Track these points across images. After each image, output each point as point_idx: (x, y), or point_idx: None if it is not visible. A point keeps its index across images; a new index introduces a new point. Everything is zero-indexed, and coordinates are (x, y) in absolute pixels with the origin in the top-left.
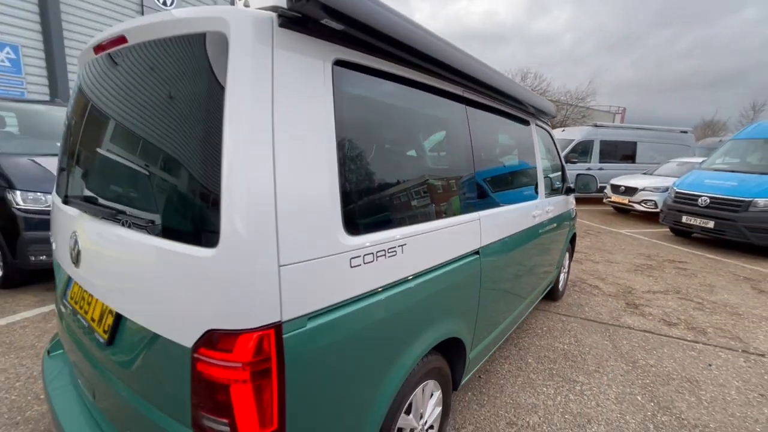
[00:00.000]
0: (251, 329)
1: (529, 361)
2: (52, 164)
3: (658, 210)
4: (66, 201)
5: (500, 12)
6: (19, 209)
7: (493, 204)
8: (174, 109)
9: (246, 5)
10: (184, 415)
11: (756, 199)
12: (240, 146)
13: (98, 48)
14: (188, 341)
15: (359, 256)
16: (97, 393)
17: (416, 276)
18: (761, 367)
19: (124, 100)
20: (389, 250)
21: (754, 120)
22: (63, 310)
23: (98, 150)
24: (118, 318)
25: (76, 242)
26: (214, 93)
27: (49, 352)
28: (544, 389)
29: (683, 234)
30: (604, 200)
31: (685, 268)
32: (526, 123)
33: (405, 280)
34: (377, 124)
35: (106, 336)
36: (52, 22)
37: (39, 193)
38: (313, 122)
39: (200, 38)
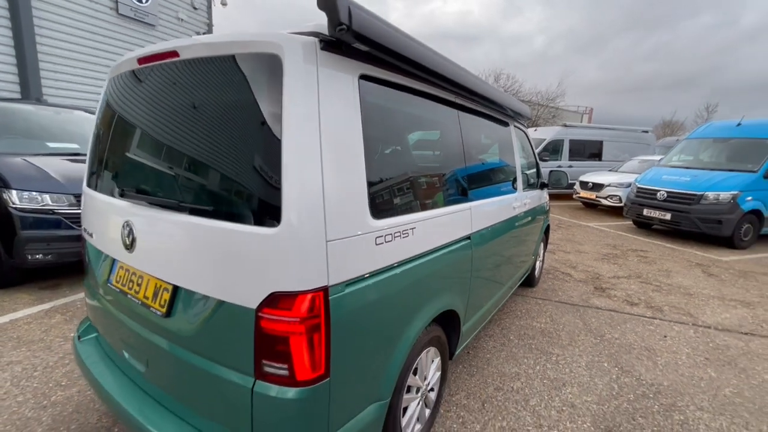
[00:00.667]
0: (306, 291)
1: (511, 338)
2: (46, 163)
3: (622, 204)
4: (114, 195)
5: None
6: (15, 208)
7: (481, 196)
8: (234, 117)
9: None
10: (246, 366)
11: (706, 193)
12: (294, 147)
13: (144, 60)
14: (253, 303)
15: (381, 236)
16: (151, 362)
17: (423, 255)
18: (707, 337)
19: (185, 108)
20: (403, 232)
21: (707, 120)
22: (104, 294)
23: (164, 150)
24: (175, 293)
25: (131, 230)
26: (272, 104)
27: (80, 338)
28: (525, 360)
29: (644, 226)
30: (574, 196)
31: (646, 256)
32: (506, 125)
33: (414, 258)
34: (391, 128)
35: (163, 309)
36: (23, 18)
37: (35, 192)
38: (346, 126)
39: (257, 58)
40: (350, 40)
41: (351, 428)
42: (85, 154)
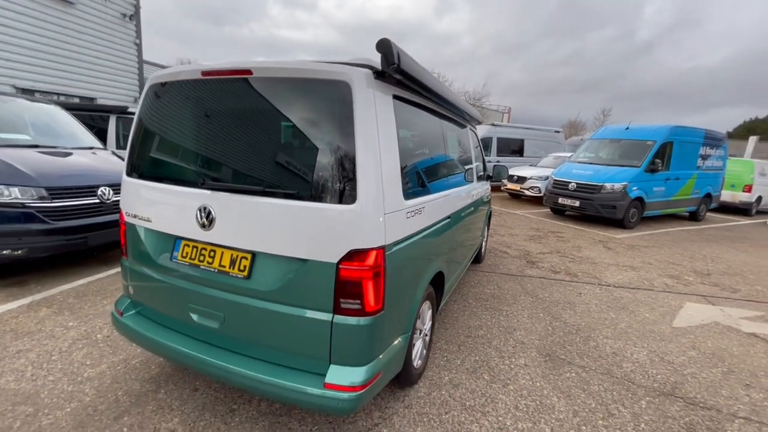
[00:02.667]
0: (373, 248)
1: (470, 301)
2: (11, 156)
3: (541, 195)
4: (191, 185)
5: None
6: None
7: (455, 185)
8: (314, 125)
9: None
10: (326, 305)
11: (605, 184)
12: (364, 148)
13: (209, 73)
14: (334, 258)
15: (409, 211)
16: (228, 318)
17: (428, 227)
18: (608, 292)
19: (265, 116)
20: (418, 210)
21: (604, 122)
22: (163, 269)
23: (249, 149)
24: (253, 259)
25: (209, 212)
26: (346, 117)
27: (122, 314)
28: (483, 316)
29: (559, 212)
30: (502, 188)
31: (562, 236)
32: (464, 127)
33: (424, 229)
34: (408, 133)
35: (245, 273)
36: None
37: (2, 186)
38: (389, 132)
39: (332, 83)
40: (392, 72)
41: (389, 351)
42: (42, 146)
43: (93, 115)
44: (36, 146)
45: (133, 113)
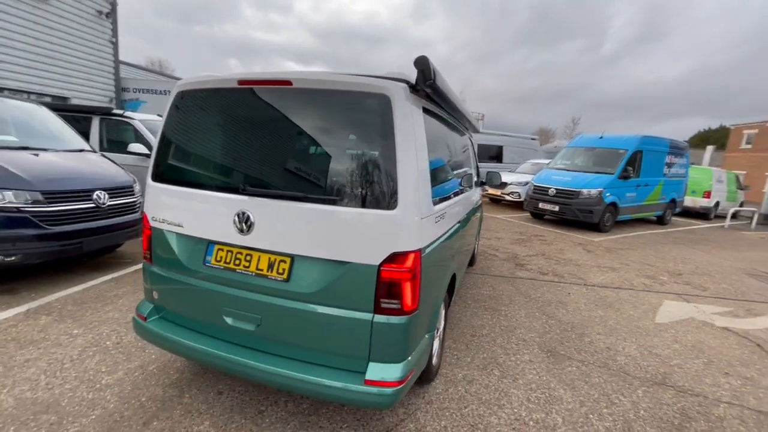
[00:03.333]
0: (412, 251)
1: (469, 302)
2: (3, 158)
3: (521, 200)
4: (228, 190)
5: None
6: None
7: (463, 191)
8: (355, 135)
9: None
10: (367, 305)
11: (582, 190)
12: (405, 157)
13: (246, 82)
14: (376, 261)
15: (437, 217)
16: (265, 320)
17: (447, 231)
18: (594, 292)
19: (305, 125)
20: (442, 215)
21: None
22: (195, 273)
23: (290, 156)
24: (292, 262)
25: (248, 218)
26: (386, 127)
27: (145, 319)
28: (485, 316)
29: (539, 216)
30: (482, 193)
31: (545, 239)
32: (465, 135)
33: (445, 233)
34: (433, 142)
35: (284, 276)
36: None
37: None
38: (421, 142)
39: (372, 96)
40: (423, 87)
41: (419, 349)
42: (32, 148)
43: (72, 116)
44: (26, 148)
45: (119, 115)
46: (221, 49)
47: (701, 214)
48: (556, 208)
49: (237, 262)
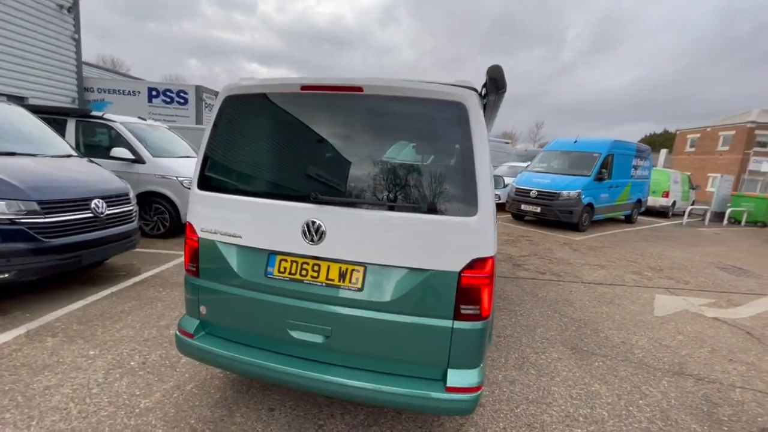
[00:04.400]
0: (490, 256)
1: None
2: None
3: (501, 201)
4: (298, 199)
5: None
6: None
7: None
8: (426, 141)
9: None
10: (447, 312)
11: (562, 191)
12: (481, 164)
13: (311, 87)
14: (457, 267)
15: (495, 222)
16: (335, 332)
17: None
18: (592, 289)
19: (380, 132)
20: (496, 221)
21: (537, 134)
22: (255, 286)
23: (368, 165)
24: (365, 271)
25: (319, 227)
26: (463, 134)
27: (193, 336)
28: (503, 317)
29: (519, 217)
30: None
31: (531, 240)
32: None
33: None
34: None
35: (358, 285)
36: None
37: None
38: (488, 149)
39: (448, 103)
40: (495, 95)
41: (485, 349)
42: (19, 153)
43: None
44: (12, 153)
45: (99, 117)
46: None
47: (661, 213)
48: (538, 209)
49: (304, 272)
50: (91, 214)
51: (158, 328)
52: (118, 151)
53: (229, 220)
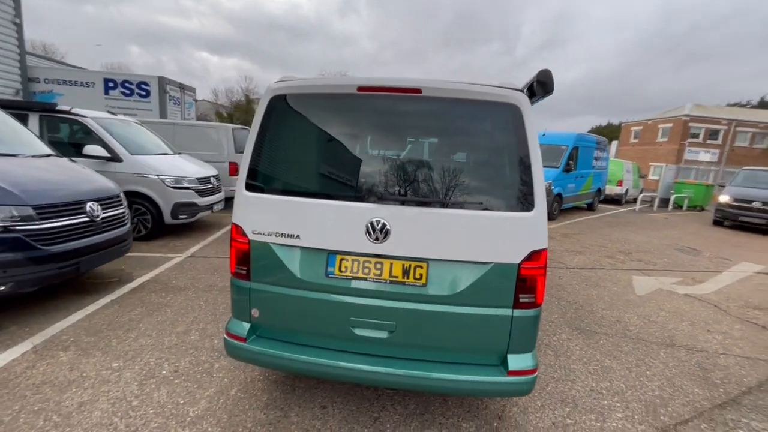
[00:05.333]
0: (545, 248)
1: None
2: None
3: None
4: (362, 199)
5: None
6: None
7: None
8: (483, 140)
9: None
10: (507, 301)
11: None
12: (535, 162)
13: (369, 89)
14: (517, 260)
15: None
16: (399, 326)
17: None
18: (577, 274)
19: (437, 133)
20: None
21: None
22: (315, 286)
23: (430, 165)
24: (428, 267)
25: (383, 226)
26: (518, 135)
27: (245, 340)
28: None
29: None
30: None
31: None
32: None
33: None
34: None
35: (422, 280)
36: None
37: None
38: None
39: (502, 105)
40: (541, 97)
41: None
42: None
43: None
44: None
45: (66, 112)
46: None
47: (615, 200)
48: None
49: (366, 271)
50: (87, 219)
51: (176, 334)
52: (92, 149)
53: (285, 221)
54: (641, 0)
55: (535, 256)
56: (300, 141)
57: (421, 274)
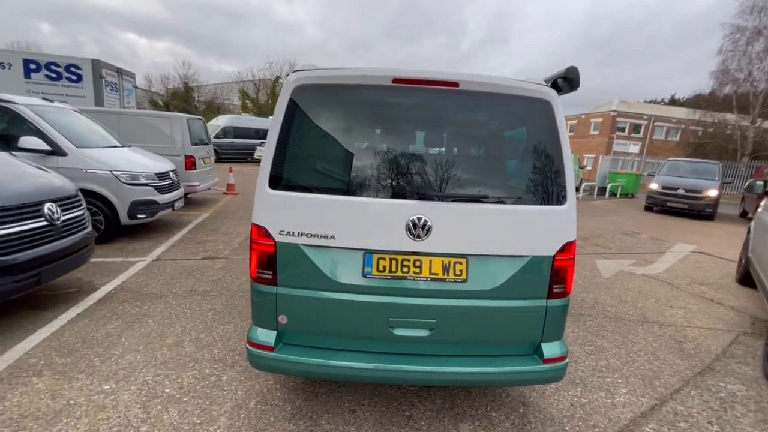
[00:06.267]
0: (575, 240)
1: None
2: None
3: None
4: (401, 196)
5: None
6: None
7: None
8: (519, 135)
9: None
10: (541, 293)
11: None
12: (567, 157)
13: (405, 80)
14: (552, 252)
15: None
16: (440, 323)
17: None
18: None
19: (474, 127)
20: None
21: None
22: (351, 287)
23: (468, 159)
24: (467, 262)
25: (425, 223)
26: (550, 130)
27: (273, 349)
28: None
29: None
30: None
31: None
32: None
33: None
34: None
35: (463, 276)
36: None
37: None
38: None
39: (535, 100)
40: (566, 93)
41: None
42: None
43: None
44: None
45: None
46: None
47: None
48: None
49: (405, 269)
50: (45, 222)
51: (168, 347)
52: (29, 142)
53: (319, 221)
54: (571, 3)
55: (567, 247)
56: (329, 135)
57: (461, 270)
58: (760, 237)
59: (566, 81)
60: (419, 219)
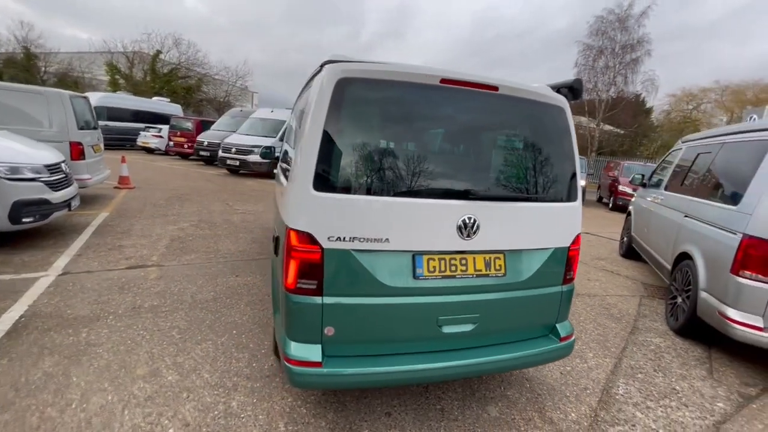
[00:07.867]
0: (581, 232)
1: None
2: None
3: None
4: (451, 197)
5: None
6: None
7: None
8: (542, 139)
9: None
10: (557, 280)
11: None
12: (577, 156)
13: (452, 81)
14: (567, 243)
15: None
16: (483, 317)
17: None
18: None
19: (507, 129)
20: None
21: None
22: (402, 290)
23: (508, 159)
24: (504, 257)
25: (474, 221)
26: (566, 134)
27: (321, 364)
28: None
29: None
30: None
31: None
32: None
33: None
34: None
35: (501, 271)
36: None
37: None
38: None
39: (552, 106)
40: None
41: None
42: None
43: None
44: None
45: None
46: None
47: None
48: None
49: (453, 268)
50: None
51: (144, 379)
52: None
53: (372, 224)
54: (463, 5)
55: (576, 238)
56: (377, 132)
57: (500, 265)
58: (642, 217)
59: (570, 90)
60: (470, 218)
